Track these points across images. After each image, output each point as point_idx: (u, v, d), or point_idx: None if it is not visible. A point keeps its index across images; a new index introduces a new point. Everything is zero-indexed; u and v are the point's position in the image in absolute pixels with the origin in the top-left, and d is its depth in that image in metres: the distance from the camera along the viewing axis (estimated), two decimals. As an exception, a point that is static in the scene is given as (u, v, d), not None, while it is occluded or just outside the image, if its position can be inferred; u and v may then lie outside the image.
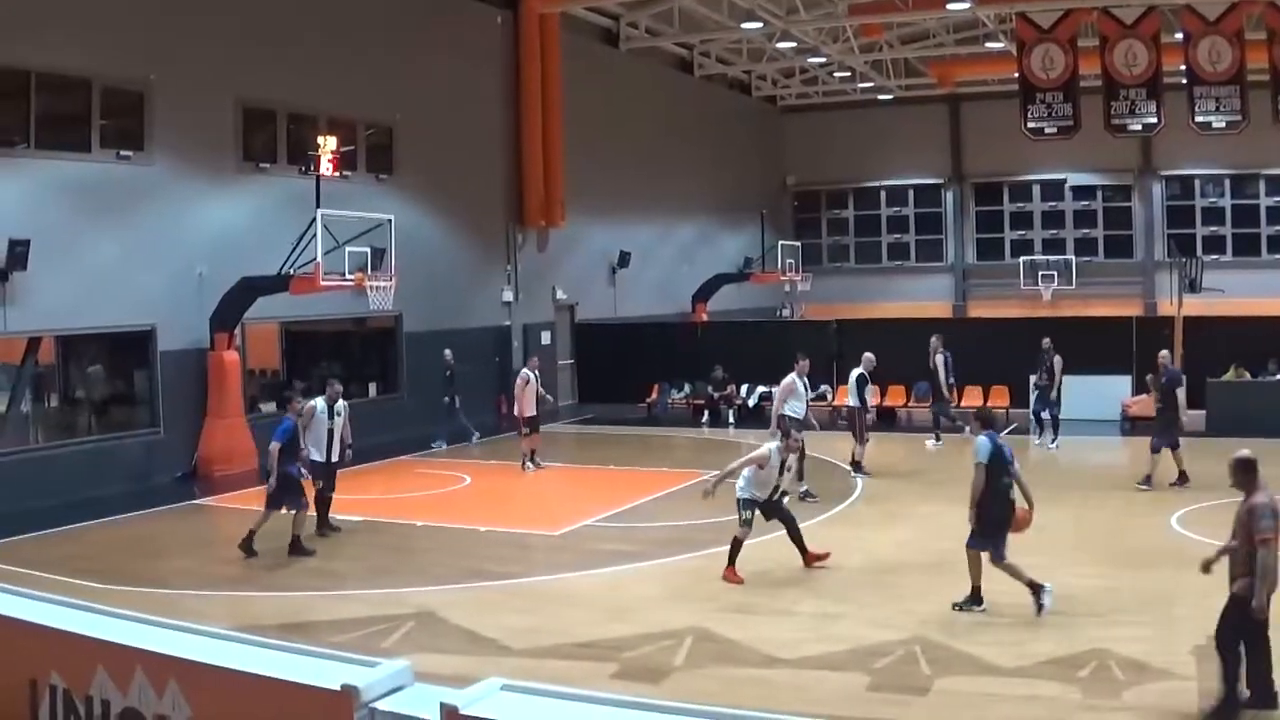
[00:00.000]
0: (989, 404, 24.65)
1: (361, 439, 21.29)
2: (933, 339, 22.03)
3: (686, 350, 28.45)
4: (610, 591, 11.99)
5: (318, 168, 20.15)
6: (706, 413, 26.16)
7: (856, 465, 18.77)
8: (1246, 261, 37.72)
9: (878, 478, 18.39)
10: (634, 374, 28.15)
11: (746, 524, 12.39)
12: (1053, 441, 21.14)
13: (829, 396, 26.71)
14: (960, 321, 36.17)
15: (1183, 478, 16.81)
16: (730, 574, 12.22)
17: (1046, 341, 21.26)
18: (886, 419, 25.77)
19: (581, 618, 11.11)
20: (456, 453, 22.00)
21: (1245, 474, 8.35)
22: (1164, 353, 18.01)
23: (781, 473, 12.62)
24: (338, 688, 5.41)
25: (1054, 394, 21.11)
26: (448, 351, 22.56)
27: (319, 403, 15.19)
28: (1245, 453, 8.48)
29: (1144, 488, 16.74)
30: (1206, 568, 8.52)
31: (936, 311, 38.91)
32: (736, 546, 12.34)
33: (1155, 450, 16.93)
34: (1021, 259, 40.30)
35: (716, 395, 26.22)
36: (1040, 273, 39.53)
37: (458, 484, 19.06)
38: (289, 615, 11.29)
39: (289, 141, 22.17)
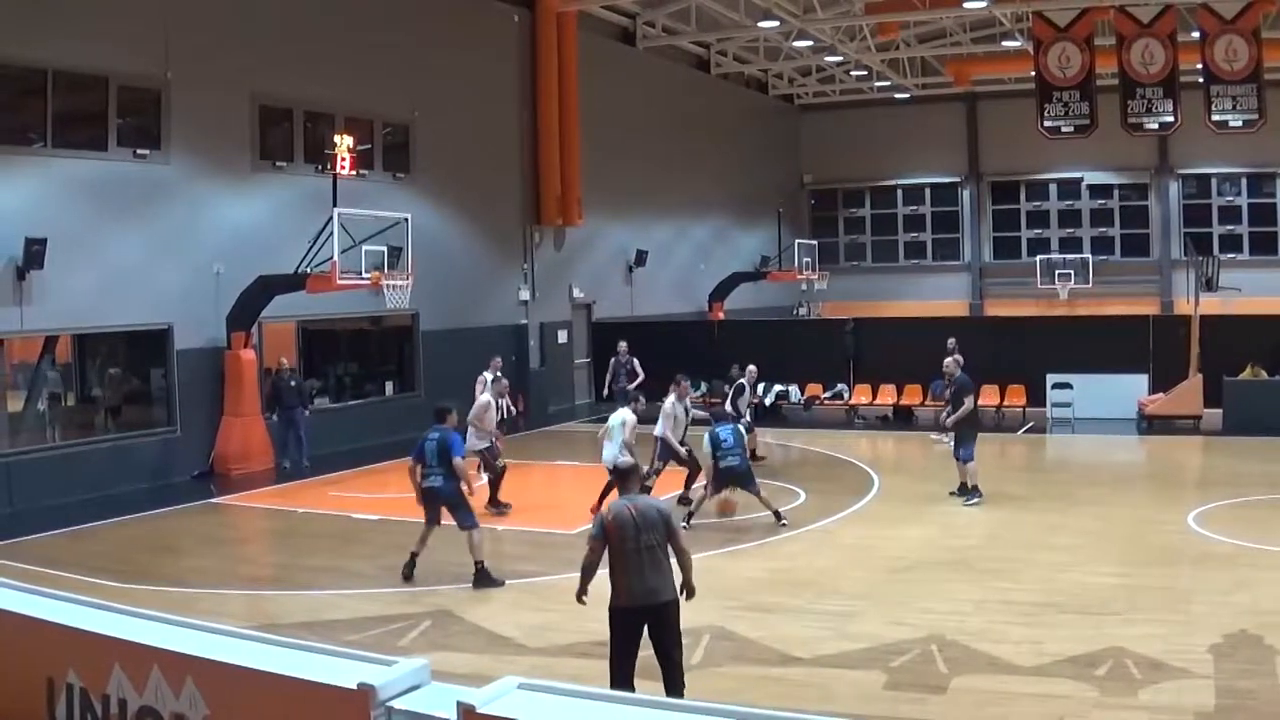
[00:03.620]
0: (1004, 403, 24.71)
1: (377, 437, 21.44)
2: None
3: (703, 349, 28.35)
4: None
5: (334, 166, 20.17)
6: (722, 411, 26.05)
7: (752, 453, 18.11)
8: (1263, 260, 37.56)
9: (892, 475, 18.29)
10: (651, 372, 28.06)
11: None
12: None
13: (845, 396, 26.72)
14: (976, 320, 36.05)
15: (963, 489, 16.08)
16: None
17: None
18: (903, 418, 25.79)
19: (598, 616, 11.07)
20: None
21: (624, 480, 8.78)
22: (949, 360, 17.04)
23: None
24: (354, 686, 5.40)
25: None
26: (283, 359, 20.41)
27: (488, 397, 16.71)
28: (624, 460, 8.98)
29: (959, 498, 15.93)
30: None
31: (953, 310, 38.84)
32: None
33: (966, 460, 15.96)
34: (1038, 257, 40.25)
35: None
36: (1057, 271, 39.45)
37: (474, 482, 18.97)
38: (306, 614, 11.29)
39: (306, 140, 22.19)
